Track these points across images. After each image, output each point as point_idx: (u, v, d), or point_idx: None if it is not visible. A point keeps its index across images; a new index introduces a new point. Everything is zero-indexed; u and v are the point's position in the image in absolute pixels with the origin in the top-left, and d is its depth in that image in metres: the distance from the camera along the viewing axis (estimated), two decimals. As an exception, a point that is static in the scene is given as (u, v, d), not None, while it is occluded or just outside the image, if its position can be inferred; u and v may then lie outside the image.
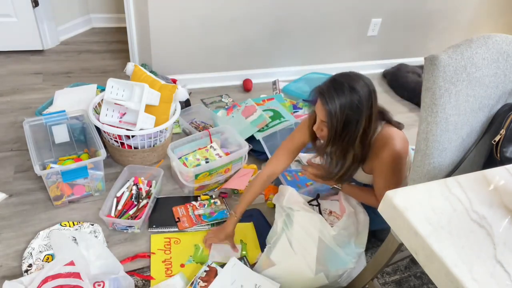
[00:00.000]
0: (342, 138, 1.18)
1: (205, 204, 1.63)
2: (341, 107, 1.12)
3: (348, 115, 1.12)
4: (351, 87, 1.11)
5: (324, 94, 1.14)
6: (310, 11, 2.38)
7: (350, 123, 1.14)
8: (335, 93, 1.12)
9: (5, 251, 1.36)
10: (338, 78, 1.16)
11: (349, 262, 1.26)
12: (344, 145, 1.20)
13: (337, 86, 1.13)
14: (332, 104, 1.12)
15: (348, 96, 1.11)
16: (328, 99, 1.13)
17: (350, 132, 1.16)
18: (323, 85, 1.16)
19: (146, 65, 2.22)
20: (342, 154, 1.23)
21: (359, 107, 1.12)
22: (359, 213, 1.35)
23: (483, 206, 0.77)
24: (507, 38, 0.92)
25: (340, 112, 1.12)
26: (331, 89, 1.13)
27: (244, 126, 1.97)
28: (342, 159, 1.24)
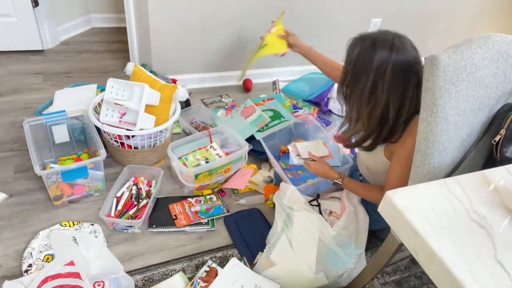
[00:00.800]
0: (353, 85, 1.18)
1: (201, 200, 1.63)
2: (354, 54, 1.15)
3: (358, 66, 1.14)
4: (373, 42, 1.13)
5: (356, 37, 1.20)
6: (310, 11, 2.38)
7: (360, 75, 1.14)
8: (359, 40, 1.17)
9: (5, 251, 1.36)
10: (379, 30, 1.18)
11: (349, 262, 1.26)
12: (356, 106, 1.19)
13: (366, 35, 1.17)
14: (351, 48, 1.18)
15: (364, 48, 1.13)
16: (351, 44, 1.19)
17: (359, 85, 1.15)
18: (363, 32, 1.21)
19: (146, 65, 2.22)
20: (355, 118, 1.22)
21: (367, 64, 1.12)
22: (359, 212, 1.35)
23: (483, 206, 0.77)
24: (507, 38, 0.92)
25: (351, 58, 1.16)
26: (361, 36, 1.18)
27: (243, 126, 1.97)
28: (354, 123, 1.23)
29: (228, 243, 1.52)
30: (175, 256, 1.44)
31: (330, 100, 2.34)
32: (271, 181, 1.82)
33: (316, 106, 2.36)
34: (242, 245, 1.50)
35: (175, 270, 1.39)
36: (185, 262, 1.42)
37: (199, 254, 1.46)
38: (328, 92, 2.35)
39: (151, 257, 1.42)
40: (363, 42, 1.16)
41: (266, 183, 1.80)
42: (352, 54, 1.17)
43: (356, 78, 1.16)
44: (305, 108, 2.30)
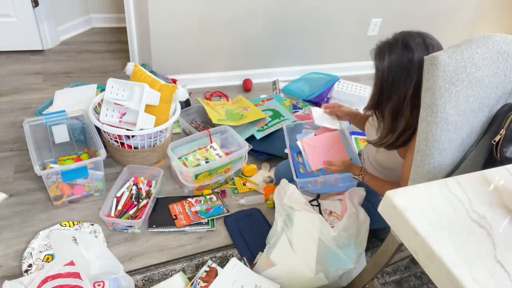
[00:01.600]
0: (390, 97, 1.15)
1: (201, 200, 1.63)
2: (389, 63, 1.10)
3: (396, 72, 1.10)
4: (405, 44, 1.09)
5: (377, 49, 1.15)
6: (310, 11, 2.38)
7: (399, 82, 1.11)
8: (387, 49, 1.12)
9: (5, 251, 1.36)
10: (398, 34, 1.14)
11: (349, 263, 1.26)
12: (394, 107, 1.16)
13: (392, 41, 1.12)
14: (381, 60, 1.12)
15: (399, 53, 1.09)
16: (378, 55, 1.13)
17: (399, 92, 1.12)
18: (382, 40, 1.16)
19: (146, 65, 2.22)
20: (393, 117, 1.19)
21: (409, 66, 1.09)
22: (360, 213, 1.35)
23: (483, 206, 0.77)
24: (507, 38, 0.92)
25: (388, 68, 1.11)
26: (386, 44, 1.13)
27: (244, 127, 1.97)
28: (392, 123, 1.20)
29: (228, 243, 1.52)
30: (175, 256, 1.44)
31: (330, 100, 2.35)
32: (271, 181, 1.82)
33: (316, 106, 2.36)
34: (242, 245, 1.50)
35: (175, 270, 1.39)
36: (185, 262, 1.42)
37: (199, 254, 1.46)
38: (328, 92, 2.35)
39: (151, 257, 1.42)
40: (393, 47, 1.12)
41: (266, 183, 1.80)
42: (386, 64, 1.13)
43: (394, 86, 1.13)
44: (305, 108, 2.30)
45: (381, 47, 1.15)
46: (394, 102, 1.15)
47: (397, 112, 1.17)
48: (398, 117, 1.18)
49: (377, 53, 1.16)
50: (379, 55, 1.14)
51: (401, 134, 1.19)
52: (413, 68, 1.09)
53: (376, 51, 1.16)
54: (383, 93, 1.16)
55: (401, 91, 1.12)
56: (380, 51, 1.15)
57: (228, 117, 2.02)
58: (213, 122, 1.90)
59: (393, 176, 1.35)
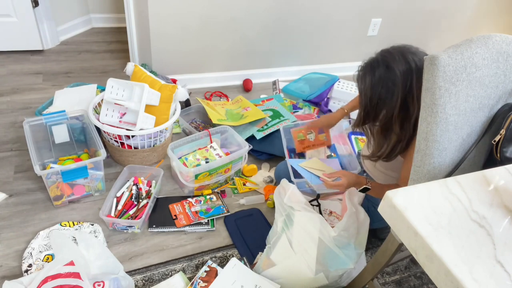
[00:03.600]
0: (377, 116, 1.16)
1: (201, 200, 1.63)
2: (371, 85, 1.11)
3: (380, 92, 1.11)
4: (387, 65, 1.10)
5: (358, 71, 1.16)
6: (310, 11, 2.38)
7: (384, 101, 1.12)
8: (369, 70, 1.13)
9: (5, 251, 1.36)
10: (378, 54, 1.15)
11: (349, 263, 1.26)
12: (382, 124, 1.17)
13: (373, 62, 1.13)
14: (363, 81, 1.13)
15: (381, 73, 1.10)
16: (361, 76, 1.14)
17: (385, 110, 1.13)
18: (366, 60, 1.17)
19: (146, 65, 2.22)
20: (383, 134, 1.20)
21: (392, 85, 1.09)
22: (360, 213, 1.35)
23: (483, 206, 0.77)
24: (507, 38, 0.92)
25: (371, 89, 1.12)
26: (367, 66, 1.14)
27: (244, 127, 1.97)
28: (383, 138, 1.21)
29: (228, 243, 1.52)
30: (175, 256, 1.44)
31: (330, 100, 2.35)
32: (271, 181, 1.82)
33: (316, 106, 2.36)
34: (242, 245, 1.50)
35: (175, 270, 1.39)
36: (185, 262, 1.42)
37: (199, 254, 1.46)
38: (328, 92, 2.35)
39: (151, 257, 1.42)
40: (374, 68, 1.13)
41: (266, 183, 1.81)
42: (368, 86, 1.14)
43: (379, 106, 1.14)
44: (305, 108, 2.30)
45: (362, 70, 1.17)
46: (382, 120, 1.17)
47: (386, 129, 1.19)
48: (388, 134, 1.19)
49: (359, 76, 1.17)
50: (361, 77, 1.16)
51: (394, 147, 1.21)
52: (397, 86, 1.09)
53: (358, 74, 1.18)
54: (368, 113, 1.18)
55: (387, 109, 1.13)
56: (361, 74, 1.16)
57: (228, 117, 2.02)
58: (213, 122, 1.90)
59: (396, 177, 1.35)
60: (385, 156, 1.24)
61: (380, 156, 1.26)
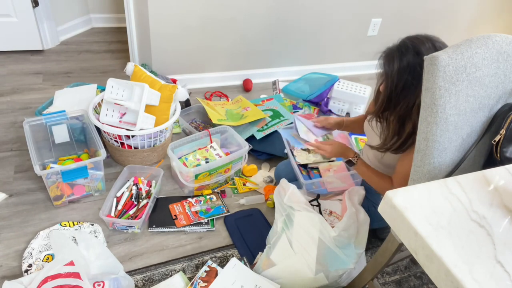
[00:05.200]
0: (399, 103, 1.13)
1: (201, 200, 1.64)
2: (399, 70, 1.08)
3: (406, 79, 1.08)
4: (416, 50, 1.07)
5: (386, 54, 1.12)
6: (310, 11, 2.38)
7: (409, 88, 1.09)
8: (397, 55, 1.09)
9: (5, 251, 1.36)
10: (406, 39, 1.11)
11: (349, 263, 1.26)
12: (402, 112, 1.14)
13: (402, 47, 1.10)
14: (390, 65, 1.10)
15: (410, 59, 1.07)
16: (387, 60, 1.11)
17: (408, 98, 1.11)
18: (391, 46, 1.13)
19: (146, 65, 2.22)
20: (400, 122, 1.17)
21: (420, 72, 1.07)
22: (360, 213, 1.35)
23: (483, 206, 0.77)
24: (507, 38, 0.92)
25: (398, 75, 1.09)
26: (394, 50, 1.11)
27: (244, 127, 1.97)
28: (399, 127, 1.18)
29: (228, 243, 1.52)
30: (175, 256, 1.44)
31: (330, 100, 2.35)
32: (271, 181, 1.82)
33: (316, 106, 2.36)
34: (242, 245, 1.50)
35: (175, 270, 1.39)
36: (185, 262, 1.42)
37: (199, 254, 1.46)
38: (328, 92, 2.35)
39: (151, 257, 1.42)
40: (403, 53, 1.09)
41: (266, 183, 1.81)
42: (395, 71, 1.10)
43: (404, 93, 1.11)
44: (305, 108, 2.30)
45: (390, 53, 1.12)
46: (403, 108, 1.14)
47: (405, 117, 1.16)
48: (406, 122, 1.16)
49: (386, 59, 1.13)
50: (388, 61, 1.12)
51: (408, 138, 1.18)
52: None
53: (385, 57, 1.14)
54: (391, 100, 1.14)
55: (410, 97, 1.10)
56: (389, 57, 1.12)
57: (228, 117, 2.02)
58: (213, 122, 1.90)
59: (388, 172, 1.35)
60: (397, 147, 1.21)
61: (391, 147, 1.22)
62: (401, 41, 1.13)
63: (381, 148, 1.27)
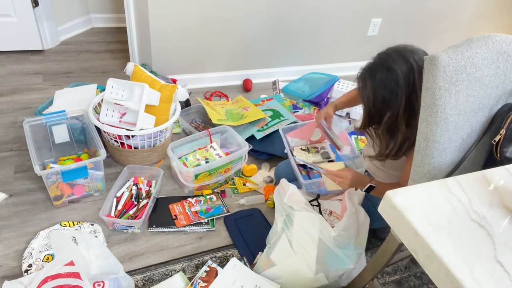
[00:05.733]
0: (381, 118, 1.15)
1: (201, 200, 1.64)
2: (373, 87, 1.11)
3: (383, 95, 1.11)
4: (387, 67, 1.09)
5: (359, 76, 1.16)
6: (310, 11, 2.38)
7: (388, 102, 1.11)
8: (369, 75, 1.12)
9: (5, 251, 1.36)
10: (377, 57, 1.14)
11: (349, 263, 1.26)
12: (388, 125, 1.17)
13: (373, 66, 1.13)
14: (364, 86, 1.13)
15: (382, 76, 1.10)
16: (361, 80, 1.14)
17: (391, 110, 1.13)
18: (363, 66, 1.16)
19: (146, 65, 2.22)
20: (389, 134, 1.20)
21: (395, 87, 1.09)
22: (360, 213, 1.35)
23: (483, 206, 0.77)
24: (507, 38, 0.92)
25: (373, 93, 1.12)
26: (367, 71, 1.14)
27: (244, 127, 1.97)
28: (390, 138, 1.21)
29: (228, 243, 1.52)
30: (175, 256, 1.44)
31: (330, 100, 2.35)
32: (271, 181, 1.82)
33: (316, 106, 2.36)
34: (242, 245, 1.50)
35: (175, 270, 1.39)
36: (185, 262, 1.42)
37: (199, 254, 1.46)
38: (328, 92, 2.35)
39: (151, 257, 1.42)
40: (374, 72, 1.13)
41: (266, 183, 1.81)
42: (370, 90, 1.14)
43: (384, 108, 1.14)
44: (305, 108, 2.30)
45: (362, 76, 1.16)
46: (387, 122, 1.16)
47: (392, 129, 1.18)
48: (394, 133, 1.19)
49: (359, 81, 1.17)
50: (362, 82, 1.16)
51: (401, 145, 1.20)
52: (400, 86, 1.09)
53: (359, 80, 1.18)
54: (373, 117, 1.18)
55: (392, 110, 1.13)
56: (362, 79, 1.16)
57: (228, 117, 2.02)
58: (213, 122, 1.90)
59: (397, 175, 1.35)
60: (393, 154, 1.23)
61: (388, 155, 1.24)
62: (372, 61, 1.16)
63: (379, 157, 1.29)
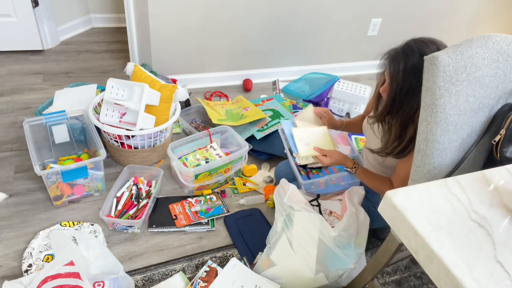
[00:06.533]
0: (402, 107, 1.12)
1: (201, 200, 1.64)
2: (404, 72, 1.07)
3: (411, 82, 1.07)
4: (421, 53, 1.05)
5: (391, 56, 1.11)
6: (310, 11, 2.38)
7: (413, 92, 1.08)
8: (402, 57, 1.08)
9: (5, 251, 1.36)
10: (411, 42, 1.10)
11: (349, 263, 1.26)
12: (404, 116, 1.14)
13: (407, 49, 1.08)
14: (396, 67, 1.08)
15: (415, 62, 1.05)
16: (393, 62, 1.09)
17: (411, 102, 1.10)
18: (395, 47, 1.12)
19: (146, 65, 2.22)
20: (402, 127, 1.16)
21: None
22: (360, 213, 1.35)
23: (483, 206, 0.77)
24: (507, 38, 0.92)
25: (403, 77, 1.07)
26: (399, 52, 1.09)
27: (244, 127, 1.97)
28: (401, 132, 1.17)
29: (228, 243, 1.52)
30: (175, 256, 1.44)
31: (330, 100, 2.35)
32: (271, 181, 1.82)
33: (316, 106, 2.36)
34: (242, 245, 1.50)
35: (175, 270, 1.39)
36: (185, 262, 1.42)
37: (199, 254, 1.46)
38: (328, 92, 2.35)
39: (151, 257, 1.42)
40: (408, 56, 1.08)
41: (266, 183, 1.81)
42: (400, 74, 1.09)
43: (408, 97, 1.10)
44: (305, 108, 2.29)
45: (395, 55, 1.11)
46: (405, 112, 1.13)
47: (407, 121, 1.15)
48: (408, 126, 1.16)
49: (391, 60, 1.11)
50: (394, 62, 1.10)
51: (409, 142, 1.17)
52: None
53: (390, 58, 1.12)
54: (395, 103, 1.13)
55: (414, 101, 1.09)
56: (394, 58, 1.10)
57: (228, 117, 2.03)
58: (213, 122, 1.90)
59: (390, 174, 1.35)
60: (398, 152, 1.20)
61: (392, 152, 1.22)
62: (406, 43, 1.12)
63: (381, 153, 1.26)
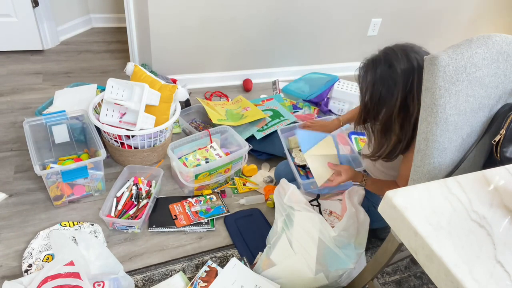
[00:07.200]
0: (377, 114, 1.16)
1: (201, 200, 1.64)
2: (373, 82, 1.11)
3: (381, 91, 1.11)
4: (389, 63, 1.09)
5: (362, 64, 1.16)
6: (310, 11, 2.38)
7: (384, 99, 1.11)
8: (370, 67, 1.12)
9: (5, 251, 1.36)
10: (381, 51, 1.14)
11: (349, 263, 1.26)
12: (383, 123, 1.17)
13: (376, 60, 1.13)
14: (364, 78, 1.13)
15: (383, 72, 1.09)
16: (362, 73, 1.14)
17: (386, 109, 1.13)
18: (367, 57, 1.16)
19: (146, 65, 2.22)
20: (383, 134, 1.20)
21: (392, 85, 1.09)
22: (360, 213, 1.35)
23: (483, 206, 0.77)
24: (507, 38, 0.92)
25: (371, 87, 1.12)
26: (369, 63, 1.14)
27: (244, 127, 1.97)
28: (384, 138, 1.21)
29: (228, 243, 1.52)
30: (175, 256, 1.44)
31: (330, 100, 2.35)
32: (271, 181, 1.82)
33: (316, 106, 2.36)
34: (242, 245, 1.50)
35: (175, 270, 1.39)
36: (185, 262, 1.42)
37: (199, 254, 1.46)
38: (328, 92, 2.35)
39: (151, 257, 1.42)
40: (376, 66, 1.12)
41: (266, 183, 1.81)
42: (369, 83, 1.14)
43: (380, 105, 1.14)
44: (305, 108, 2.30)
45: (364, 67, 1.16)
46: (382, 120, 1.16)
47: (386, 129, 1.18)
48: (388, 134, 1.19)
49: (360, 73, 1.17)
50: (363, 74, 1.16)
51: (394, 147, 1.20)
52: (397, 85, 1.09)
53: (360, 71, 1.18)
54: (369, 112, 1.18)
55: (387, 108, 1.13)
56: (363, 70, 1.16)
57: (228, 117, 2.03)
58: (213, 122, 1.90)
59: (395, 175, 1.36)
60: (385, 156, 1.24)
61: (380, 156, 1.26)
62: (377, 54, 1.16)
63: (372, 157, 1.29)
